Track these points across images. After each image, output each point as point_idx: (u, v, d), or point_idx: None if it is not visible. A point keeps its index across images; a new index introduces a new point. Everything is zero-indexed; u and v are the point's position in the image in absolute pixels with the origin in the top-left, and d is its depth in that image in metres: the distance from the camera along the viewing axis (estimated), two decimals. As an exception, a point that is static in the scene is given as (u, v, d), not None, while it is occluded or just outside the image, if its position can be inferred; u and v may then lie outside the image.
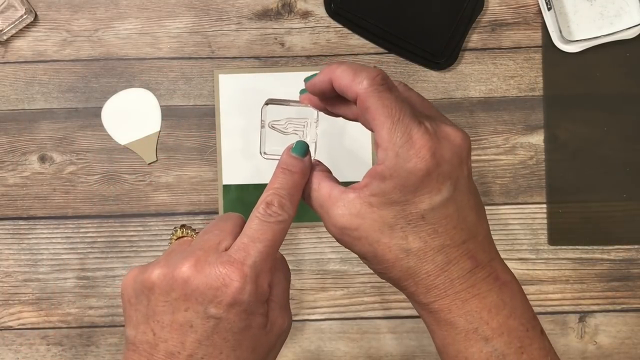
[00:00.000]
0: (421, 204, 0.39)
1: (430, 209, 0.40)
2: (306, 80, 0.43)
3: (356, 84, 0.40)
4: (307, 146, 0.44)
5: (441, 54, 0.60)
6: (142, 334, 0.40)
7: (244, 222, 0.42)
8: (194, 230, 0.43)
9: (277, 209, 0.41)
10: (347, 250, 0.56)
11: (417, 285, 0.41)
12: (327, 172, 0.44)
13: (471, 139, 0.48)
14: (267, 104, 0.46)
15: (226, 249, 0.40)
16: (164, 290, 0.40)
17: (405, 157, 0.39)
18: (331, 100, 0.43)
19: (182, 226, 0.44)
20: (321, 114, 0.45)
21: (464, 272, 0.40)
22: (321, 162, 0.44)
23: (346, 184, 0.61)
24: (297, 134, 0.46)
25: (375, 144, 0.40)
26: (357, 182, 0.45)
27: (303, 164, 0.43)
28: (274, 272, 0.42)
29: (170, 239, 0.44)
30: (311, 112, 0.45)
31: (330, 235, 0.46)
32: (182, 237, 0.44)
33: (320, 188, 0.42)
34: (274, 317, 0.42)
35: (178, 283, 0.39)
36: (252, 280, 0.39)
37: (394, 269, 0.41)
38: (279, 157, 0.44)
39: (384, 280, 0.43)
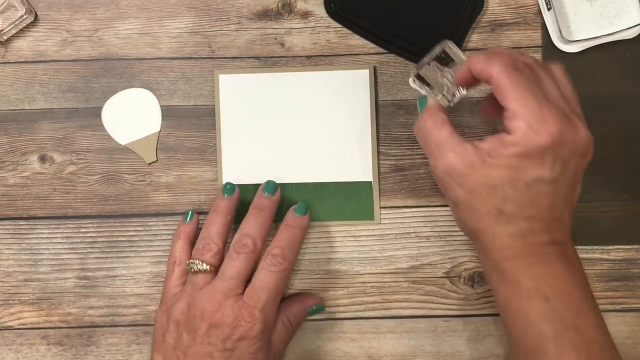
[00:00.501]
0: (531, 173, 0.44)
1: (536, 181, 0.44)
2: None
3: (489, 66, 0.45)
4: (307, 207, 0.57)
5: None
6: (169, 359, 0.51)
7: (255, 262, 0.53)
8: (213, 266, 0.54)
9: (280, 259, 0.53)
10: (347, 250, 0.58)
11: (493, 241, 0.46)
12: (448, 115, 0.49)
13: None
14: (443, 52, 0.51)
15: (240, 293, 0.52)
16: (192, 328, 0.51)
17: (536, 129, 0.43)
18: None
19: (201, 262, 0.54)
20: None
21: (539, 242, 0.45)
22: (446, 111, 0.49)
23: (348, 184, 0.61)
24: (446, 81, 0.51)
25: (505, 119, 0.44)
26: (357, 182, 0.56)
27: (302, 221, 0.56)
28: (279, 325, 0.55)
29: (190, 268, 0.54)
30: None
31: (330, 234, 0.59)
32: (200, 272, 0.54)
33: (443, 128, 0.47)
34: (271, 358, 0.53)
35: (205, 322, 0.50)
36: (261, 321, 0.51)
37: (481, 222, 0.46)
38: (421, 89, 0.51)
39: (460, 230, 0.50)
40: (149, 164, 0.61)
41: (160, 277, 0.61)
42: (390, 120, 0.60)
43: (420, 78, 0.51)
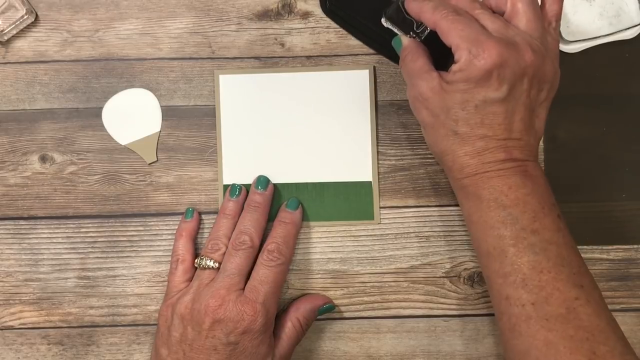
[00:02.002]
0: (478, 94, 0.48)
1: (483, 101, 0.48)
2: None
3: (432, 15, 0.50)
4: (299, 202, 0.59)
5: None
6: (175, 353, 0.53)
7: (254, 257, 0.56)
8: (216, 262, 0.56)
9: (276, 254, 0.55)
10: (347, 250, 0.59)
11: (454, 161, 0.50)
12: (427, 52, 0.53)
13: None
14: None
15: (241, 288, 0.54)
16: (197, 322, 0.52)
17: (475, 53, 0.47)
18: None
19: (210, 259, 0.56)
20: None
21: (496, 159, 0.49)
22: (423, 45, 0.54)
23: (348, 184, 0.61)
24: (412, 22, 0.54)
25: (453, 53, 0.49)
26: (357, 182, 0.57)
27: (295, 216, 0.58)
28: (289, 325, 0.57)
29: (199, 265, 0.56)
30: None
31: (330, 234, 0.59)
32: (208, 268, 0.56)
33: (418, 60, 0.52)
34: (275, 353, 0.55)
35: (209, 317, 0.52)
36: (262, 314, 0.53)
37: (441, 143, 0.50)
38: (393, 28, 0.55)
39: (432, 154, 0.56)
40: (149, 164, 0.61)
41: (161, 277, 0.61)
42: (390, 120, 0.61)
43: (391, 19, 0.55)
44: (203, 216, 0.60)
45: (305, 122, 0.60)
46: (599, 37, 0.59)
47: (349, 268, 0.61)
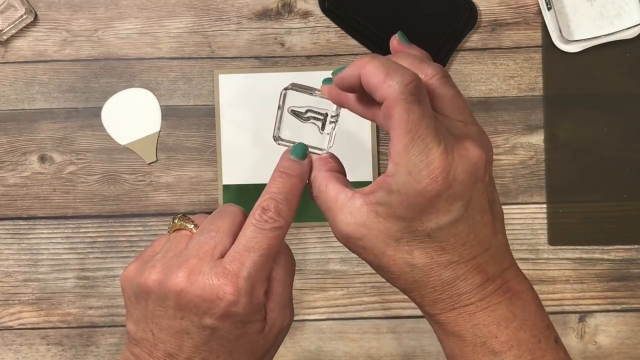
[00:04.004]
0: (428, 222, 0.38)
1: (437, 229, 0.38)
2: (334, 73, 0.40)
3: (386, 86, 0.37)
4: (306, 148, 0.43)
5: None
6: (142, 331, 0.41)
7: (245, 217, 0.41)
8: (194, 222, 0.43)
9: (273, 214, 0.40)
10: (347, 250, 0.57)
11: (422, 297, 0.40)
12: (338, 170, 0.42)
13: None
14: (288, 88, 0.43)
15: (221, 255, 0.40)
16: (160, 297, 0.40)
17: (417, 177, 0.37)
18: (357, 96, 0.41)
19: (182, 216, 0.43)
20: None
21: (472, 287, 0.39)
22: (334, 157, 0.43)
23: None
24: (315, 124, 0.43)
25: (389, 154, 0.38)
26: (357, 182, 0.47)
27: (302, 167, 0.42)
28: (276, 268, 0.42)
29: (169, 228, 0.44)
30: (332, 104, 0.43)
31: (330, 234, 0.48)
32: (180, 229, 0.43)
33: (328, 190, 0.40)
34: (273, 319, 0.41)
35: (172, 293, 0.39)
36: (247, 293, 0.39)
37: (400, 280, 0.40)
38: (292, 144, 0.42)
39: (388, 283, 0.42)
40: (149, 164, 0.61)
41: (160, 277, 0.60)
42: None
43: (286, 136, 0.44)
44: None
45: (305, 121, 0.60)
46: (599, 36, 0.59)
47: (349, 268, 0.61)
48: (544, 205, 0.60)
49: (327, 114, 0.44)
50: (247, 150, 0.60)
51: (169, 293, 0.39)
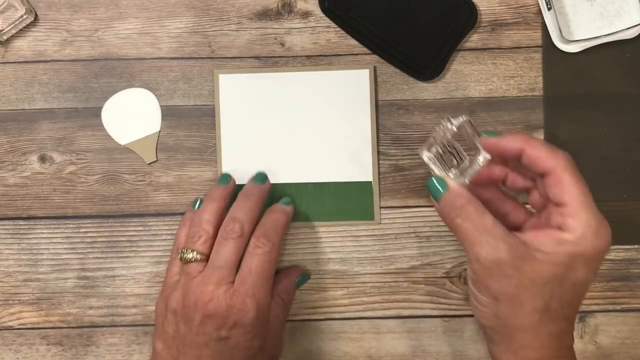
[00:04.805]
0: (580, 274, 0.44)
1: (581, 282, 0.44)
2: (489, 134, 0.47)
3: (553, 159, 0.45)
4: (291, 201, 0.58)
5: (426, 65, 0.60)
6: (168, 348, 0.52)
7: (244, 247, 0.52)
8: (204, 254, 0.53)
9: (264, 240, 0.53)
10: (347, 250, 0.58)
11: (533, 340, 0.45)
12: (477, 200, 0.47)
13: None
14: (463, 122, 0.48)
15: (231, 281, 0.51)
16: (187, 318, 0.51)
17: (597, 233, 0.44)
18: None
19: (192, 250, 0.53)
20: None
21: (569, 344, 0.46)
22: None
23: (348, 184, 0.61)
24: (454, 158, 0.48)
25: (561, 214, 0.44)
26: (357, 182, 0.56)
27: (286, 208, 0.57)
28: (274, 307, 0.55)
29: (181, 258, 0.54)
30: (474, 159, 0.48)
31: (330, 234, 0.60)
32: (191, 261, 0.53)
33: (486, 216, 0.45)
34: (270, 345, 0.54)
35: (198, 313, 0.50)
36: (253, 307, 0.50)
37: (524, 318, 0.44)
38: (431, 164, 0.48)
39: (484, 327, 0.48)
40: (149, 164, 0.61)
41: (160, 277, 0.60)
42: (390, 120, 0.60)
43: (435, 156, 0.49)
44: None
45: (305, 122, 0.60)
46: (599, 36, 0.59)
47: (349, 268, 0.61)
48: (544, 205, 0.61)
49: (464, 159, 0.48)
50: (248, 150, 0.60)
51: (195, 313, 0.50)
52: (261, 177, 0.58)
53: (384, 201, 0.60)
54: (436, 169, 0.48)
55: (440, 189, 0.47)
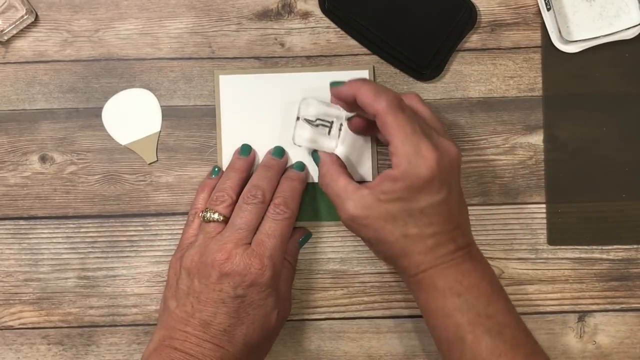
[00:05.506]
0: (423, 201, 0.50)
1: (429, 206, 0.50)
2: (332, 84, 0.55)
3: (377, 103, 0.50)
4: (304, 165, 0.59)
5: (426, 66, 0.60)
6: (183, 305, 0.53)
7: (263, 214, 0.55)
8: (225, 217, 0.55)
9: (283, 207, 0.55)
10: (347, 250, 0.58)
11: (409, 261, 0.51)
12: (343, 167, 0.55)
13: (471, 139, 0.58)
14: (305, 99, 0.56)
15: (249, 242, 0.53)
16: (204, 275, 0.53)
17: (415, 164, 0.49)
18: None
19: (214, 212, 0.55)
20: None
21: (447, 251, 0.51)
22: (339, 158, 0.56)
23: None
24: (325, 127, 0.56)
25: (390, 153, 0.50)
26: (359, 182, 0.55)
27: (301, 174, 0.59)
28: (282, 271, 0.56)
29: (203, 217, 0.55)
30: (339, 115, 0.56)
31: (330, 234, 0.60)
32: (212, 221, 0.55)
33: (339, 181, 0.53)
34: (281, 303, 0.55)
35: (215, 270, 0.52)
36: (269, 268, 0.53)
37: (393, 248, 0.51)
38: (306, 145, 0.56)
39: (380, 260, 0.57)
40: (149, 164, 0.61)
41: (161, 277, 0.61)
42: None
43: (302, 139, 0.56)
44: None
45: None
46: (599, 37, 0.59)
47: (349, 268, 0.61)
48: (544, 205, 0.61)
49: (332, 122, 0.56)
50: (247, 150, 0.60)
51: (212, 270, 0.52)
52: (279, 152, 0.59)
53: (383, 201, 0.60)
54: (311, 145, 0.56)
55: (316, 162, 0.56)
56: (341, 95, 0.53)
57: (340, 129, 0.56)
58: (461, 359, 0.50)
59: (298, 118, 0.56)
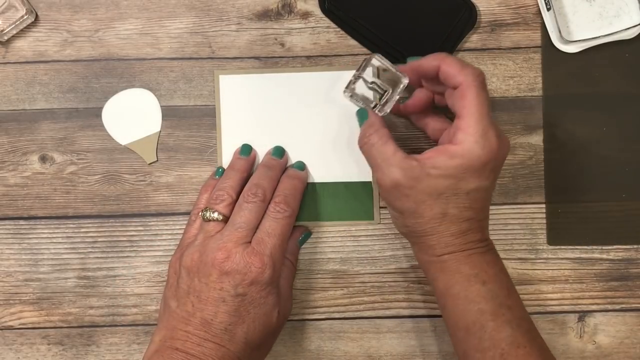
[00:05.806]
0: (472, 184, 0.50)
1: (475, 190, 0.50)
2: (411, 59, 0.55)
3: (463, 74, 0.50)
4: (304, 165, 0.59)
5: None
6: (183, 304, 0.53)
7: (263, 213, 0.55)
8: (225, 216, 0.55)
9: (284, 205, 0.55)
10: (347, 250, 0.59)
11: (438, 240, 0.52)
12: (389, 130, 0.54)
13: None
14: (372, 61, 0.56)
15: (249, 241, 0.53)
16: (204, 274, 0.52)
17: (482, 145, 0.49)
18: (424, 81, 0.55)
19: (214, 211, 0.55)
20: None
21: (476, 239, 0.52)
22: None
23: (348, 184, 0.62)
24: (377, 93, 0.57)
25: (455, 127, 0.50)
26: (357, 182, 0.58)
27: (301, 174, 0.59)
28: (283, 269, 0.56)
29: (203, 216, 0.55)
30: (394, 89, 0.56)
31: (330, 234, 0.60)
32: (212, 220, 0.55)
33: (388, 144, 0.52)
34: (281, 302, 0.55)
35: (216, 269, 0.52)
36: (270, 266, 0.52)
37: (427, 224, 0.51)
38: (355, 100, 0.57)
39: (399, 232, 0.56)
40: (149, 164, 0.61)
41: (161, 277, 0.61)
42: (390, 120, 0.61)
43: (353, 91, 0.57)
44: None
45: (305, 122, 0.60)
46: (599, 37, 0.59)
47: (349, 268, 0.61)
48: (543, 205, 0.61)
49: (385, 92, 0.56)
50: (247, 150, 0.60)
51: (212, 269, 0.52)
52: (279, 152, 0.59)
53: (383, 201, 0.61)
54: (359, 104, 0.57)
55: (361, 120, 0.55)
56: (422, 67, 0.53)
57: (385, 105, 0.56)
58: (479, 345, 0.50)
59: (358, 73, 0.56)
